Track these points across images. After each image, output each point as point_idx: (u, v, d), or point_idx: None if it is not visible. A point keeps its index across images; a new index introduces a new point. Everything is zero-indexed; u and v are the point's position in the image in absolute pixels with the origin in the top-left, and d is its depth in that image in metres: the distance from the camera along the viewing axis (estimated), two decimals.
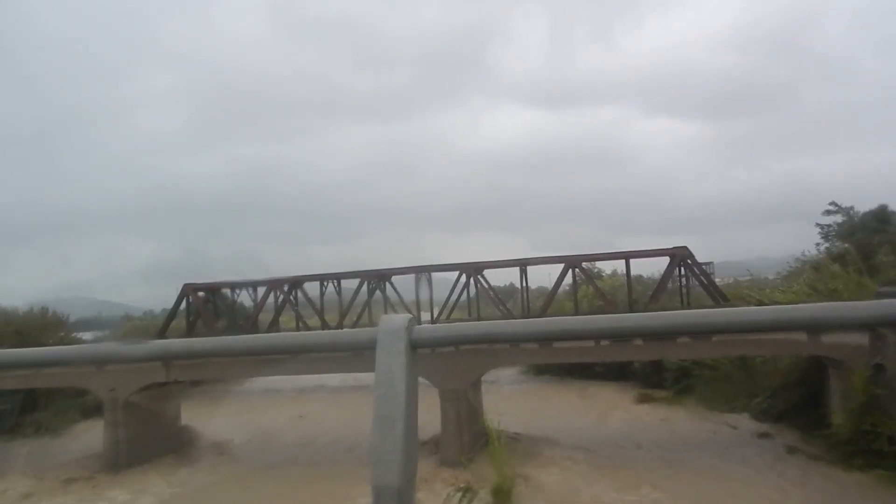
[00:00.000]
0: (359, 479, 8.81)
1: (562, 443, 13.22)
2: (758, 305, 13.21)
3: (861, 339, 10.16)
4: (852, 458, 10.32)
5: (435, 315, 19.70)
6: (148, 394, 14.20)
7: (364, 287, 19.97)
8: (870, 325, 7.74)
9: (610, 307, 18.39)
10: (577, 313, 17.88)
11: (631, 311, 16.19)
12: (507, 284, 32.51)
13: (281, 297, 20.72)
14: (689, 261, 17.30)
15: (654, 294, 18.06)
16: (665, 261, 17.77)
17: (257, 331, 20.49)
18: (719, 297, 17.23)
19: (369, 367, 2.40)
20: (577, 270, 18.26)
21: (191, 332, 20.88)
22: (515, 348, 13.17)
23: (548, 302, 18.97)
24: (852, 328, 9.16)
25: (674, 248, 17.34)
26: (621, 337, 11.35)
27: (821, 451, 11.17)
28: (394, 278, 19.99)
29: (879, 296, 10.03)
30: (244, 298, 24.26)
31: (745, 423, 14.03)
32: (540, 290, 28.73)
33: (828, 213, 21.67)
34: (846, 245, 18.83)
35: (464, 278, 19.05)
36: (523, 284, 19.62)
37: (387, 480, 2.09)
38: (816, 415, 12.03)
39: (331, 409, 18.36)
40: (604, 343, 12.89)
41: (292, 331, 19.84)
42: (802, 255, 20.70)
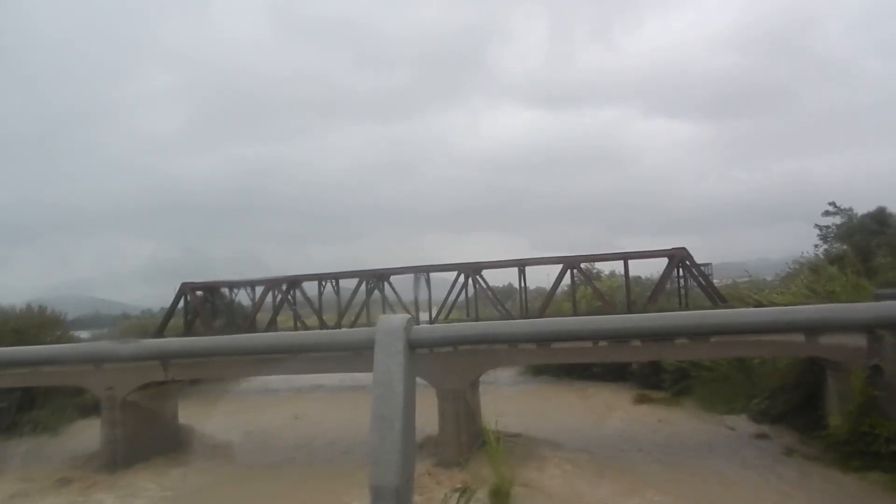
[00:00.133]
0: (355, 479, 8.81)
1: (560, 444, 13.22)
2: (756, 306, 13.23)
3: (859, 340, 10.17)
4: (849, 460, 10.32)
5: (433, 315, 19.69)
6: (146, 393, 14.18)
7: (362, 287, 19.97)
8: (867, 327, 7.76)
9: (608, 308, 18.40)
10: (575, 314, 17.88)
11: (629, 311, 16.20)
12: (506, 285, 32.49)
13: (279, 296, 20.69)
14: (687, 262, 17.30)
15: (653, 295, 18.06)
16: (664, 261, 17.78)
17: (255, 330, 20.47)
18: (717, 298, 17.24)
19: (367, 367, 2.39)
20: (575, 271, 18.26)
21: (189, 330, 20.85)
22: (514, 349, 13.16)
23: (546, 302, 18.98)
24: (850, 330, 9.18)
25: (672, 249, 17.35)
26: (620, 338, 11.34)
27: (818, 452, 11.17)
28: (392, 278, 19.99)
29: (877, 298, 10.03)
30: (242, 298, 24.25)
31: (744, 424, 14.03)
32: (538, 291, 28.70)
33: (827, 213, 21.61)
34: (844, 247, 18.81)
35: (462, 278, 19.05)
36: (522, 285, 19.64)
37: (385, 480, 2.09)
38: (814, 416, 12.04)
39: (328, 409, 18.33)
40: (602, 344, 12.90)
41: (290, 330, 19.83)
42: (801, 256, 20.68)
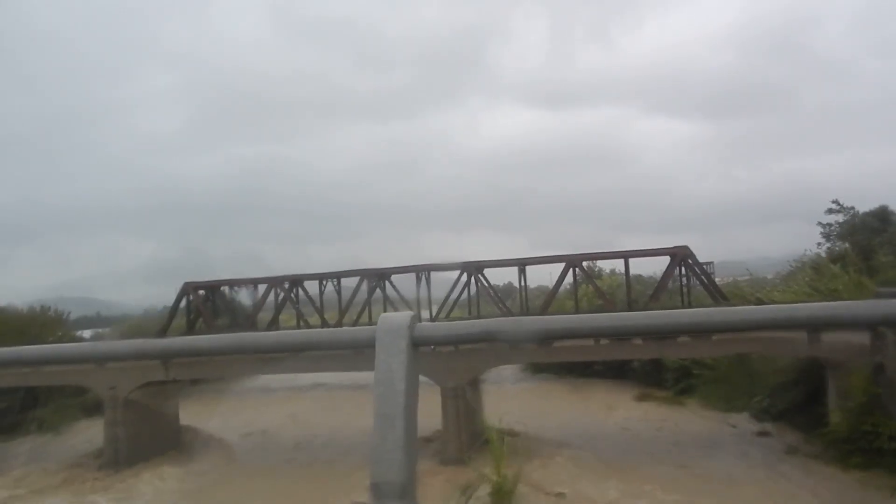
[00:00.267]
0: (357, 477, 8.82)
1: (562, 441, 13.24)
2: (758, 304, 13.21)
3: (861, 338, 10.15)
4: (850, 457, 10.32)
5: (434, 313, 19.67)
6: (147, 392, 14.21)
7: (364, 285, 19.95)
8: (870, 325, 7.73)
9: (609, 306, 18.37)
10: (577, 312, 17.84)
11: (630, 310, 16.16)
12: (506, 283, 32.44)
13: (281, 295, 20.69)
14: (689, 260, 17.24)
15: (655, 293, 18.01)
16: (665, 260, 17.73)
17: (256, 329, 20.48)
18: (720, 296, 17.19)
19: (369, 365, 2.39)
20: (577, 269, 18.22)
21: (191, 330, 20.85)
22: (515, 346, 13.16)
23: (548, 300, 18.95)
24: (852, 327, 9.15)
25: (674, 247, 17.29)
26: (622, 335, 11.33)
27: (819, 450, 11.18)
28: (393, 277, 19.96)
29: (878, 296, 10.01)
30: (244, 297, 24.25)
31: (745, 422, 14.03)
32: (539, 289, 28.67)
33: (830, 211, 21.53)
34: (846, 245, 18.75)
35: (464, 277, 19.03)
36: (522, 283, 19.61)
37: (387, 478, 2.09)
38: (815, 414, 12.03)
39: (328, 407, 18.36)
40: (604, 342, 12.90)
41: (293, 329, 19.83)
42: (804, 254, 20.63)
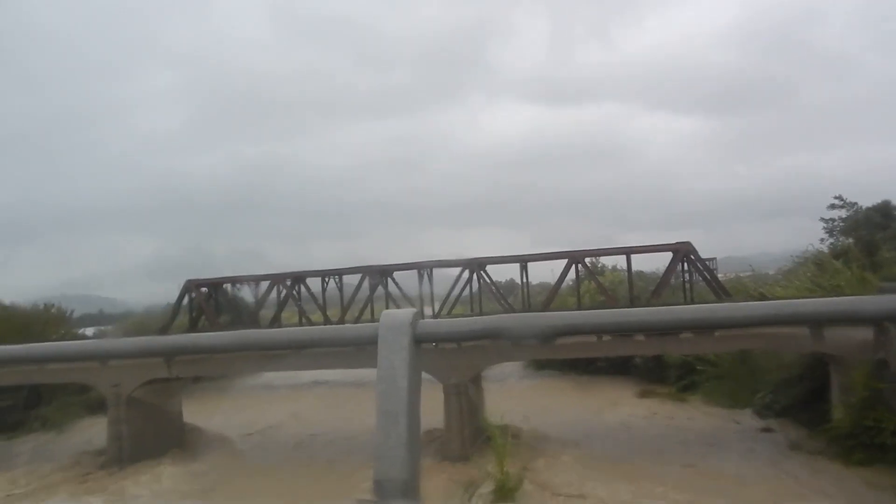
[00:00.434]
0: (360, 474, 8.83)
1: (567, 439, 13.24)
2: (760, 299, 13.19)
3: (864, 334, 10.13)
4: (852, 453, 10.32)
5: (436, 310, 19.70)
6: (151, 389, 14.25)
7: (366, 282, 19.96)
8: (873, 320, 7.72)
9: (611, 302, 18.37)
10: (579, 309, 17.83)
11: (632, 307, 16.15)
12: (508, 280, 32.45)
13: (283, 292, 20.72)
14: (692, 256, 17.22)
15: (657, 289, 18.00)
16: (668, 256, 17.71)
17: (258, 326, 20.51)
18: (723, 292, 17.16)
19: (371, 362, 2.39)
20: (579, 266, 18.21)
21: (193, 327, 20.89)
22: (518, 343, 13.14)
23: (550, 297, 18.95)
24: (855, 323, 9.13)
25: (677, 243, 17.26)
26: (624, 332, 11.32)
27: (823, 446, 11.17)
28: (396, 274, 19.97)
29: (882, 291, 10.00)
30: (246, 294, 24.29)
31: (748, 418, 14.04)
32: (541, 286, 28.66)
33: (832, 207, 21.48)
34: (850, 241, 18.70)
35: (466, 274, 19.04)
36: (524, 280, 19.61)
37: (391, 475, 2.09)
38: (819, 410, 12.03)
39: (331, 405, 18.41)
40: (606, 338, 12.89)
41: (295, 326, 19.86)
42: (807, 250, 20.58)
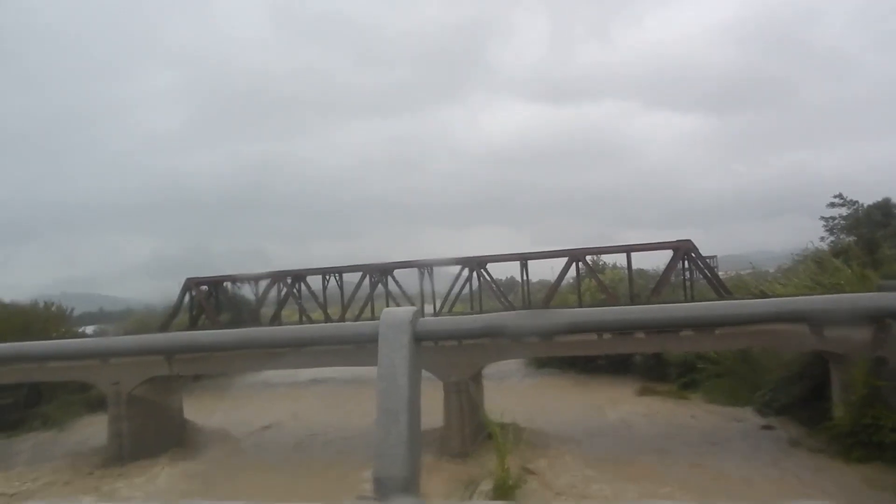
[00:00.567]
0: (361, 472, 8.84)
1: (569, 438, 13.24)
2: (761, 297, 13.19)
3: (863, 331, 10.13)
4: (852, 451, 10.34)
5: (437, 308, 19.70)
6: (151, 387, 14.27)
7: (366, 281, 19.96)
8: (873, 317, 7.72)
9: (612, 300, 18.36)
10: (580, 307, 17.84)
11: (632, 304, 16.15)
12: (508, 278, 32.44)
13: (284, 290, 20.72)
14: (692, 254, 17.21)
15: (657, 287, 18.00)
16: (668, 254, 17.71)
17: (259, 324, 20.52)
18: (723, 290, 17.15)
19: (371, 360, 2.39)
20: (580, 263, 18.21)
21: (194, 326, 20.90)
22: (518, 341, 13.15)
23: (550, 294, 18.94)
24: (855, 320, 9.12)
25: (678, 241, 17.26)
26: (625, 329, 11.31)
27: (823, 443, 11.19)
28: (396, 272, 19.97)
29: (882, 289, 9.99)
30: (246, 292, 24.30)
31: (749, 416, 14.05)
32: (541, 284, 28.70)
33: (832, 205, 21.43)
34: (850, 238, 18.69)
35: (466, 272, 19.04)
36: (524, 278, 19.61)
37: (391, 473, 2.09)
38: (819, 408, 12.05)
39: (330, 403, 18.40)
40: (606, 336, 12.89)
41: (295, 324, 19.84)
42: (807, 247, 20.57)
